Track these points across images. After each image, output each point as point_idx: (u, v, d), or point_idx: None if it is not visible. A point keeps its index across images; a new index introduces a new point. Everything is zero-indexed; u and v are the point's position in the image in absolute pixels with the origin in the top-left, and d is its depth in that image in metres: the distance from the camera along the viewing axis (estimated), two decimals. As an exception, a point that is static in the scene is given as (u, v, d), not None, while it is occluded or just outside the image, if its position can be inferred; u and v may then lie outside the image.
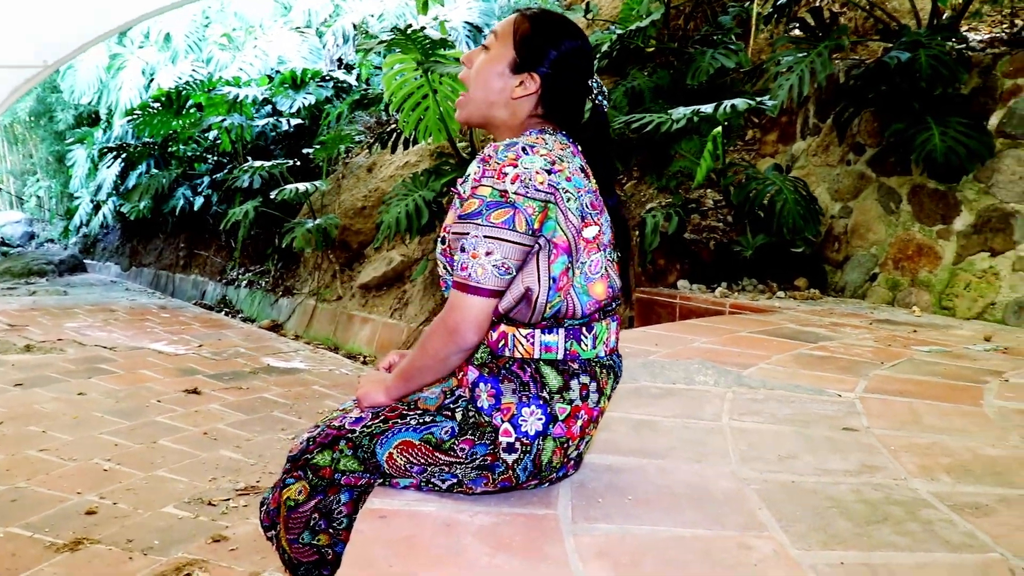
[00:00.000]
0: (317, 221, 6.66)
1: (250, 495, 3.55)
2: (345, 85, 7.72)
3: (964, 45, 4.89)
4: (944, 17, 4.93)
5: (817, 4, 5.70)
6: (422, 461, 1.62)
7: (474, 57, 1.76)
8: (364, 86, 8.15)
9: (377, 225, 7.04)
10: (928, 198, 4.77)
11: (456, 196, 1.66)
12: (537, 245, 1.58)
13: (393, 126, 6.77)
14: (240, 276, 8.05)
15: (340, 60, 8.32)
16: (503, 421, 1.59)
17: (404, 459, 1.63)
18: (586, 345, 1.65)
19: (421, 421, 1.64)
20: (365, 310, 6.72)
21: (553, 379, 1.61)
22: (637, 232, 5.33)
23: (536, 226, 1.55)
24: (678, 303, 4.90)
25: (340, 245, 7.00)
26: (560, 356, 1.63)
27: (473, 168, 1.61)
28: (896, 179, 4.96)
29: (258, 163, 6.82)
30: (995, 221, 4.47)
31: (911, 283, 4.77)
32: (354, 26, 8.26)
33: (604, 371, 1.69)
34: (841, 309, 4.59)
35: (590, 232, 1.65)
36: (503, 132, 1.75)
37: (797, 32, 5.82)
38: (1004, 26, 5.38)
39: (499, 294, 1.57)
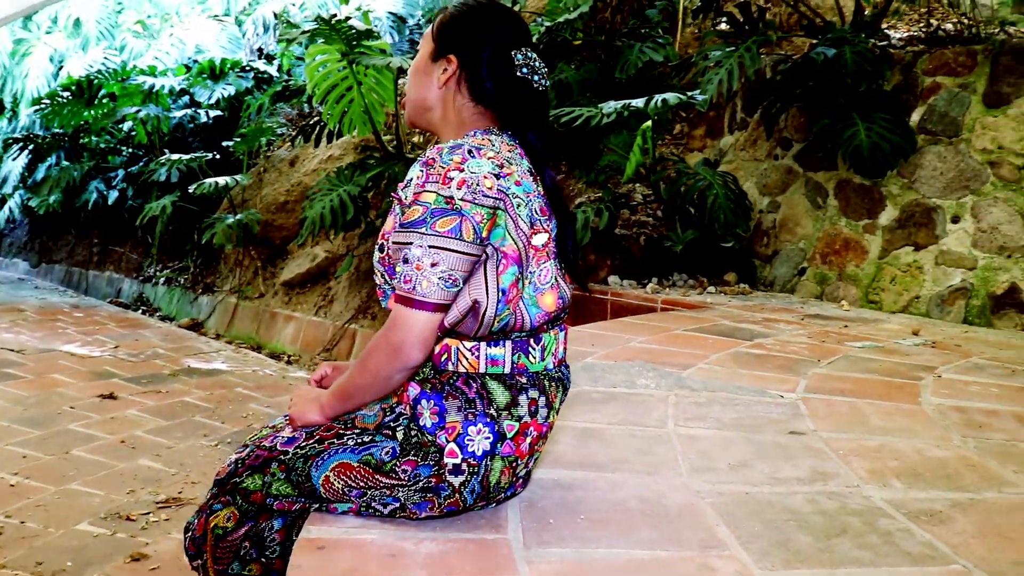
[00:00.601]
0: (238, 216, 6.42)
1: (172, 508, 3.37)
2: (266, 76, 7.47)
3: (886, 42, 4.96)
4: (866, 15, 4.98)
5: None
6: (361, 484, 1.51)
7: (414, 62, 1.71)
8: (286, 77, 7.91)
9: (300, 221, 6.85)
10: (854, 193, 4.82)
11: (396, 202, 1.55)
12: (484, 254, 1.48)
13: (316, 118, 6.58)
14: (158, 273, 7.74)
15: (261, 50, 8.05)
16: (448, 441, 1.48)
17: (342, 482, 1.51)
18: (534, 358, 1.57)
19: (360, 441, 1.53)
20: (289, 308, 6.52)
21: (500, 395, 1.52)
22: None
23: (484, 234, 1.46)
24: (609, 299, 4.86)
25: (262, 241, 6.77)
26: (507, 370, 1.54)
27: (415, 172, 1.50)
28: (823, 174, 5.00)
29: (176, 156, 6.54)
30: (918, 216, 4.54)
31: (839, 277, 4.82)
32: (275, 15, 8.01)
33: (553, 384, 1.60)
34: (772, 304, 4.61)
35: (539, 239, 1.56)
36: (445, 130, 1.66)
37: (725, 27, 5.83)
38: (920, 24, 5.48)
39: (445, 308, 1.46)
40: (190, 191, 6.19)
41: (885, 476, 1.93)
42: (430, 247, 1.42)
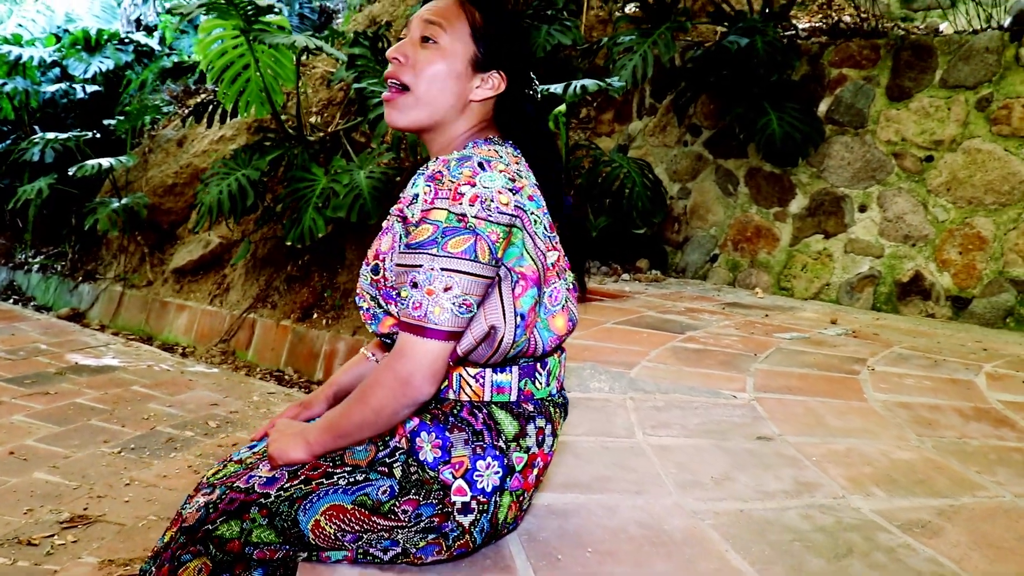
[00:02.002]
0: (124, 200, 5.99)
1: (79, 527, 3.09)
2: (147, 49, 6.97)
3: (794, 32, 5.04)
4: (774, 5, 5.05)
5: None
6: (357, 528, 1.37)
7: (409, 51, 1.46)
8: (167, 51, 7.44)
9: (191, 205, 6.48)
10: (764, 181, 4.90)
11: (397, 219, 1.40)
12: (498, 276, 1.36)
13: (204, 96, 6.22)
14: (31, 259, 7.17)
15: (139, 21, 7.54)
16: (455, 477, 1.36)
17: (335, 527, 1.37)
18: (540, 383, 1.46)
19: (352, 480, 1.38)
20: (181, 296, 6.16)
21: (509, 425, 1.41)
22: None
23: (499, 255, 1.33)
24: (527, 288, 4.78)
25: (149, 225, 6.37)
26: (513, 397, 1.43)
27: (420, 187, 1.35)
28: (733, 161, 5.06)
29: (51, 134, 6.03)
30: (827, 204, 4.65)
31: (750, 264, 4.89)
32: (154, -18, 7.50)
33: (557, 410, 1.51)
34: (688, 292, 4.63)
35: (552, 257, 1.45)
36: (445, 139, 1.48)
37: (632, 9, 5.81)
38: (819, 16, 5.60)
39: (458, 336, 1.32)
40: (70, 173, 5.73)
41: (864, 484, 1.93)
42: (442, 270, 1.28)
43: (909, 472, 2.02)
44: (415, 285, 1.30)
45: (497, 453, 1.38)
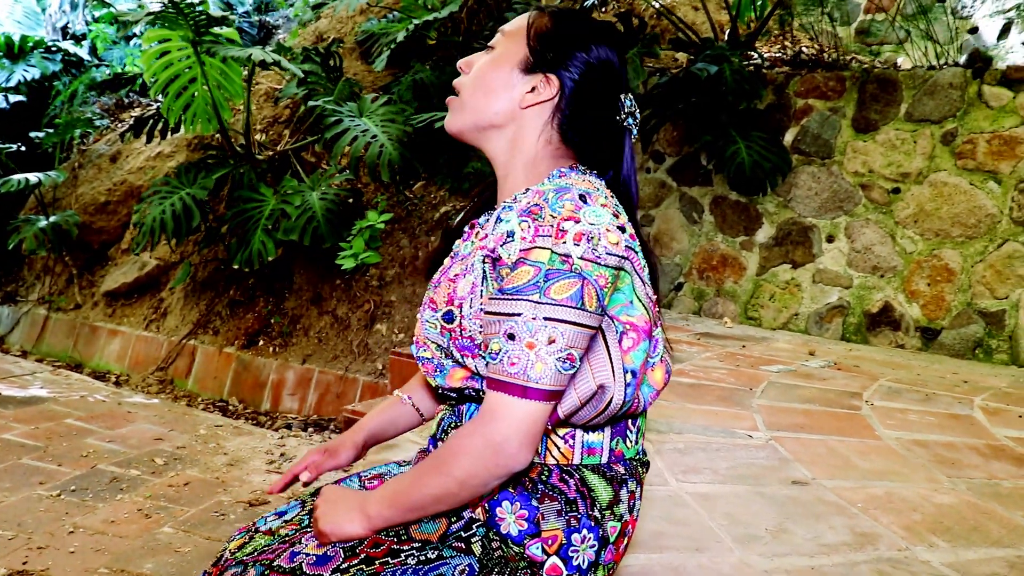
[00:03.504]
0: (53, 218, 5.60)
1: (21, 584, 2.79)
2: (75, 59, 6.58)
3: (760, 62, 5.04)
4: (741, 35, 5.05)
5: (624, 9, 5.66)
6: (433, 614, 1.18)
7: (473, 60, 1.32)
8: (97, 61, 7.05)
9: (125, 224, 6.12)
10: (730, 210, 4.86)
11: (483, 259, 1.21)
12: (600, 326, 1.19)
13: (142, 110, 5.90)
14: (-62, 281, 6.66)
15: (66, 29, 7.12)
16: (547, 554, 1.18)
17: (407, 614, 1.17)
18: (630, 442, 1.29)
19: (423, 559, 1.17)
20: (113, 321, 5.79)
21: (603, 491, 1.23)
22: (438, 241, 4.99)
23: (605, 301, 1.15)
24: (490, 316, 4.62)
25: (78, 245, 5.98)
26: (604, 459, 1.25)
27: (514, 224, 1.17)
28: (697, 189, 5.02)
29: (-33, 146, 5.61)
30: (795, 234, 4.63)
31: (717, 293, 4.84)
32: (84, -10, 7.11)
33: (643, 469, 1.35)
34: (657, 321, 4.54)
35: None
36: (512, 161, 1.30)
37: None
38: (777, 46, 5.64)
39: (559, 395, 1.14)
40: (-9, 188, 5.34)
41: (921, 534, 1.83)
42: (545, 319, 1.10)
43: (959, 519, 1.94)
44: (512, 337, 1.11)
45: (592, 524, 1.21)
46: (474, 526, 1.22)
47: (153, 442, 4.22)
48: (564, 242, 1.12)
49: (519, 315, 1.11)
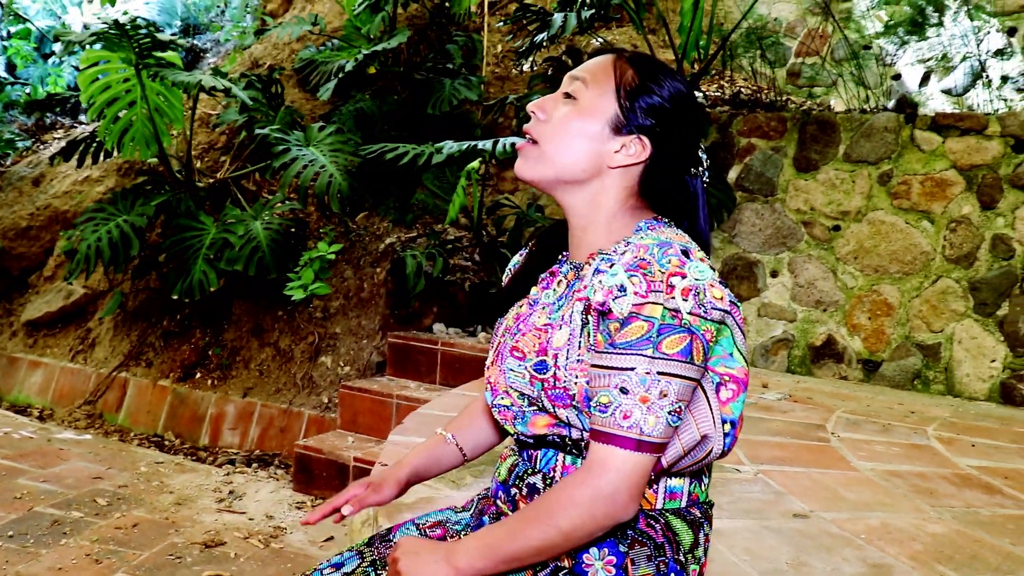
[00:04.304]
0: (-30, 245, 5.32)
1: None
2: (-8, 77, 6.29)
3: (704, 101, 5.20)
4: (686, 73, 5.19)
5: (573, 44, 5.74)
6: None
7: (548, 106, 1.30)
8: (12, 79, 6.76)
9: (48, 250, 5.86)
10: (675, 244, 4.96)
11: (588, 311, 1.20)
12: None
13: (64, 132, 5.67)
14: None
15: (-20, 45, 6.81)
16: None
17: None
18: (704, 485, 1.31)
19: None
20: (35, 352, 5.50)
21: (685, 535, 1.24)
22: (384, 273, 4.95)
23: (708, 355, 1.17)
24: (440, 349, 4.59)
25: (-6, 273, 5.69)
26: (684, 503, 1.26)
27: (621, 278, 1.16)
28: (642, 224, 5.10)
29: None
30: (740, 269, 4.77)
31: (662, 326, 4.92)
32: (1, 4, 6.80)
33: (711, 511, 1.36)
34: (608, 353, 4.59)
35: None
36: (587, 208, 1.30)
37: (527, 67, 5.83)
38: (715, 87, 5.83)
39: (666, 447, 1.16)
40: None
41: (929, 563, 1.90)
42: (659, 374, 1.11)
43: (956, 548, 2.01)
44: (624, 391, 1.12)
45: (679, 568, 1.22)
46: (560, 574, 1.20)
47: (92, 481, 4.02)
48: (673, 297, 1.13)
49: (632, 369, 1.12)
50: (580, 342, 1.20)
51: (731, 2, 5.88)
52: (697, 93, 5.21)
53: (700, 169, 1.32)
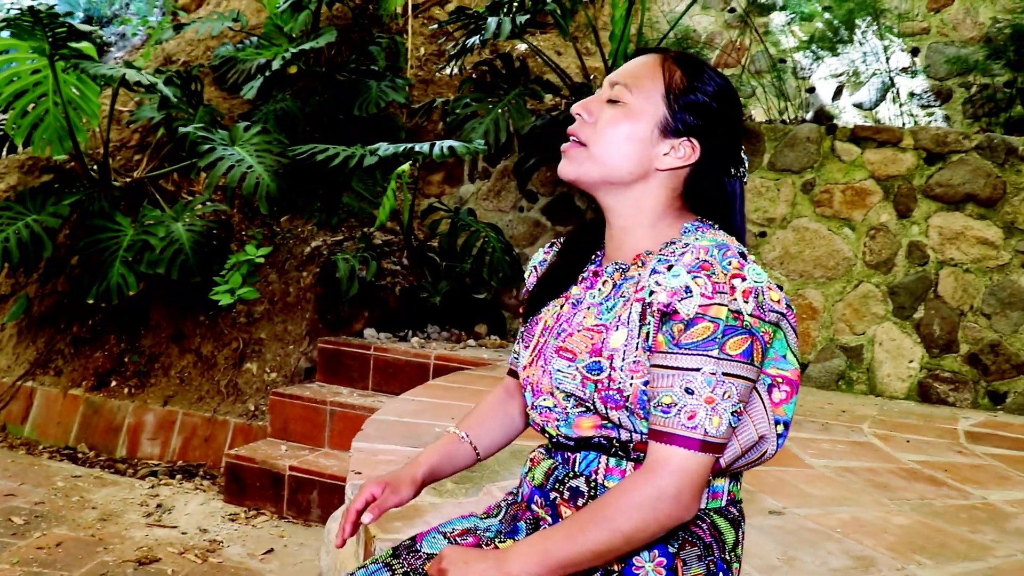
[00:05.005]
0: None
1: None
2: None
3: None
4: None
5: (505, 51, 5.73)
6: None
7: (594, 108, 1.29)
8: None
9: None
10: (605, 249, 5.02)
11: (649, 311, 1.18)
12: None
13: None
14: None
15: None
16: None
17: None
18: (740, 484, 1.32)
19: None
20: (-74, 362, 5.13)
21: (728, 533, 1.25)
22: (312, 277, 4.85)
23: (764, 356, 1.19)
24: (373, 354, 4.52)
25: None
26: (724, 502, 1.28)
27: (685, 279, 1.15)
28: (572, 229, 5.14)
29: None
30: (670, 273, 4.85)
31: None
32: None
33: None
34: (543, 357, 4.61)
35: None
36: (631, 210, 1.29)
37: (451, 69, 5.81)
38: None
39: (725, 447, 1.17)
40: None
41: (906, 554, 1.97)
42: (724, 375, 1.12)
43: (923, 538, 2.10)
44: (689, 391, 1.12)
45: (725, 567, 1.23)
46: (612, 576, 1.19)
47: (4, 499, 3.79)
48: (735, 299, 1.13)
49: (698, 370, 1.12)
50: (638, 343, 1.19)
51: (657, 13, 6.00)
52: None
53: (741, 169, 1.33)
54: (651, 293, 1.18)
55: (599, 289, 1.30)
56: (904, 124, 5.18)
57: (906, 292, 4.40)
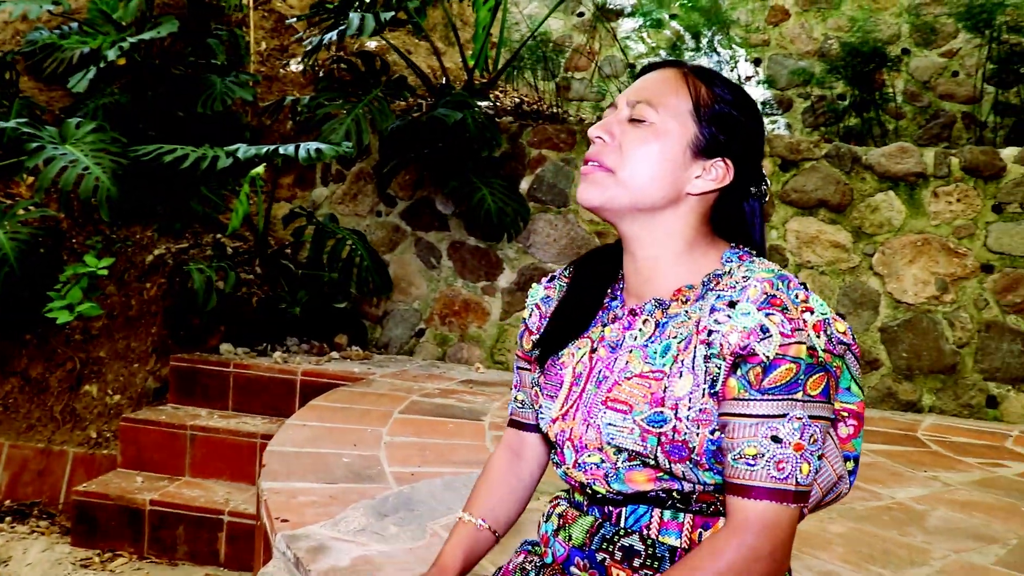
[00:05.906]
0: None
1: None
2: None
3: (494, 111, 5.21)
4: (476, 82, 5.17)
5: (363, 48, 5.47)
6: None
7: (616, 129, 1.19)
8: None
9: None
10: (470, 255, 4.93)
11: (704, 354, 1.10)
12: None
13: None
14: None
15: None
16: None
17: None
18: None
19: None
20: None
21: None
22: (157, 288, 4.46)
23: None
24: (232, 371, 4.20)
25: None
26: None
27: (758, 317, 1.06)
28: (435, 234, 5.02)
29: None
30: (537, 280, 4.82)
31: (461, 339, 4.87)
32: None
33: None
34: (413, 370, 4.46)
35: None
36: (656, 238, 1.19)
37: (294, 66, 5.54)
38: (506, 97, 5.87)
39: (810, 495, 1.11)
40: None
41: (861, 563, 2.02)
42: (811, 418, 1.05)
43: (867, 545, 2.15)
44: (777, 440, 1.04)
45: None
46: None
47: None
48: (808, 335, 1.06)
49: (784, 416, 1.05)
50: (704, 389, 1.10)
51: (516, 14, 5.96)
52: (486, 103, 5.21)
53: (763, 187, 1.26)
54: (716, 334, 1.09)
55: (640, 329, 1.19)
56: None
57: (764, 294, 4.59)
